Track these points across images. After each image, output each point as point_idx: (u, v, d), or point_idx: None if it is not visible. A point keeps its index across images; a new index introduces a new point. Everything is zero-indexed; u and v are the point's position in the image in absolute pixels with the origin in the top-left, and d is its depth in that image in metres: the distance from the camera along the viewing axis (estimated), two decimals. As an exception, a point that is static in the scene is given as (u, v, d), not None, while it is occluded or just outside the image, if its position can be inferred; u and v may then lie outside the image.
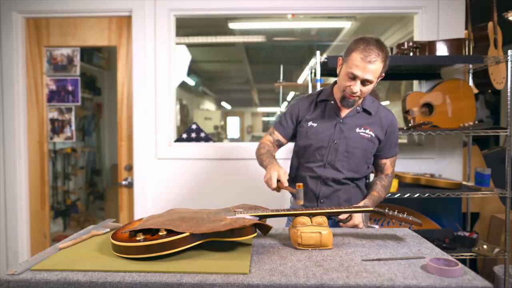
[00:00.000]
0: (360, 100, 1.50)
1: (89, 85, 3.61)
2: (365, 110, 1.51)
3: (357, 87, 1.37)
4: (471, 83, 2.44)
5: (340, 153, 1.48)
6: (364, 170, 1.53)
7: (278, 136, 1.61)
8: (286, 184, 1.31)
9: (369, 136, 1.49)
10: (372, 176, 1.67)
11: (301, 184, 1.24)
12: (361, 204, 1.42)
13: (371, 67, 1.33)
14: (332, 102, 1.53)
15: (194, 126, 2.59)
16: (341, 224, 1.40)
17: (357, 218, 1.39)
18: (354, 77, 1.37)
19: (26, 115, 2.61)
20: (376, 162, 1.57)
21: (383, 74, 1.42)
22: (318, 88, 2.04)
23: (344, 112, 1.52)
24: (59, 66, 2.60)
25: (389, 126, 1.52)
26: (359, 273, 0.89)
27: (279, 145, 1.63)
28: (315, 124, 1.52)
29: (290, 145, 1.69)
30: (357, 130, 1.49)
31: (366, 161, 1.52)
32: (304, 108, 1.57)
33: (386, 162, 1.56)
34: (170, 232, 0.99)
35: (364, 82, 1.37)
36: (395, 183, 2.08)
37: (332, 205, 1.50)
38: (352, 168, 1.50)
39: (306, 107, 1.57)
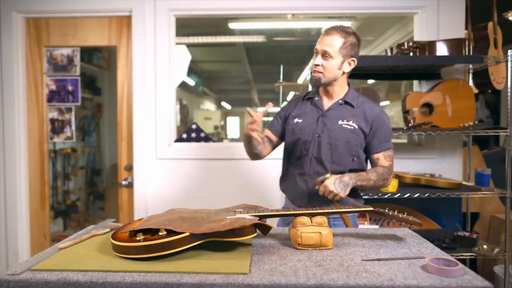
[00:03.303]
0: (343, 94, 1.54)
1: (89, 85, 3.61)
2: (347, 103, 1.54)
3: (318, 59, 1.47)
4: (471, 83, 2.44)
5: (323, 146, 1.50)
6: (348, 162, 1.51)
7: (266, 132, 1.66)
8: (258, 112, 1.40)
9: (352, 127, 1.50)
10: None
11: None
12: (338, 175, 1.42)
13: (327, 38, 1.45)
14: (317, 98, 1.57)
15: (194, 126, 2.59)
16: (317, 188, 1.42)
17: (330, 184, 1.37)
18: (317, 53, 1.48)
19: (26, 115, 2.61)
20: (368, 157, 1.58)
21: (355, 60, 1.49)
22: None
23: (327, 106, 1.55)
24: (59, 66, 2.60)
25: (374, 119, 1.51)
26: (359, 273, 0.89)
27: (269, 140, 1.65)
28: (300, 120, 1.56)
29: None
30: (340, 122, 1.51)
31: (351, 153, 1.51)
32: (292, 106, 1.64)
33: (379, 156, 1.54)
34: (170, 232, 0.99)
35: (324, 55, 1.46)
36: (395, 183, 2.08)
37: (322, 202, 1.49)
38: (335, 161, 1.50)
39: (295, 105, 1.64)
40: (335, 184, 1.37)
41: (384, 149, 1.53)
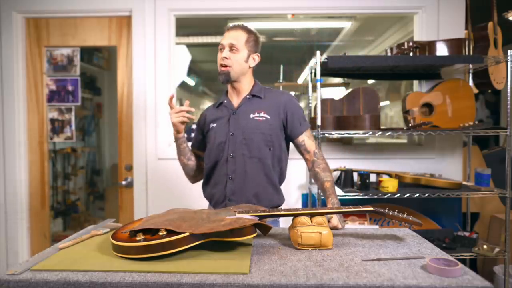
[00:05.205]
0: (251, 88, 1.57)
1: (89, 85, 3.61)
2: (254, 96, 1.57)
3: (225, 52, 1.50)
4: (471, 83, 2.44)
5: (238, 143, 1.50)
6: (265, 153, 1.51)
7: (193, 150, 1.70)
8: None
9: (264, 118, 1.52)
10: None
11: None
12: (329, 205, 1.40)
13: (232, 32, 1.52)
14: (225, 101, 1.59)
15: (194, 126, 2.58)
16: None
17: (335, 220, 1.36)
18: (222, 48, 1.52)
19: (26, 115, 2.61)
20: (295, 143, 1.58)
21: (259, 55, 1.57)
22: (318, 88, 2.04)
23: (236, 103, 1.57)
24: (59, 66, 2.60)
25: (286, 105, 1.55)
26: (359, 273, 0.89)
27: (198, 158, 1.69)
28: (215, 124, 1.58)
29: None
30: (251, 115, 1.52)
31: (267, 144, 1.51)
32: (205, 115, 1.65)
33: (304, 138, 1.56)
34: (170, 232, 0.99)
35: (231, 48, 1.50)
36: (395, 183, 2.08)
37: (241, 202, 1.48)
38: (254, 154, 1.50)
39: (208, 113, 1.65)
40: (340, 222, 1.36)
41: (305, 129, 1.57)
